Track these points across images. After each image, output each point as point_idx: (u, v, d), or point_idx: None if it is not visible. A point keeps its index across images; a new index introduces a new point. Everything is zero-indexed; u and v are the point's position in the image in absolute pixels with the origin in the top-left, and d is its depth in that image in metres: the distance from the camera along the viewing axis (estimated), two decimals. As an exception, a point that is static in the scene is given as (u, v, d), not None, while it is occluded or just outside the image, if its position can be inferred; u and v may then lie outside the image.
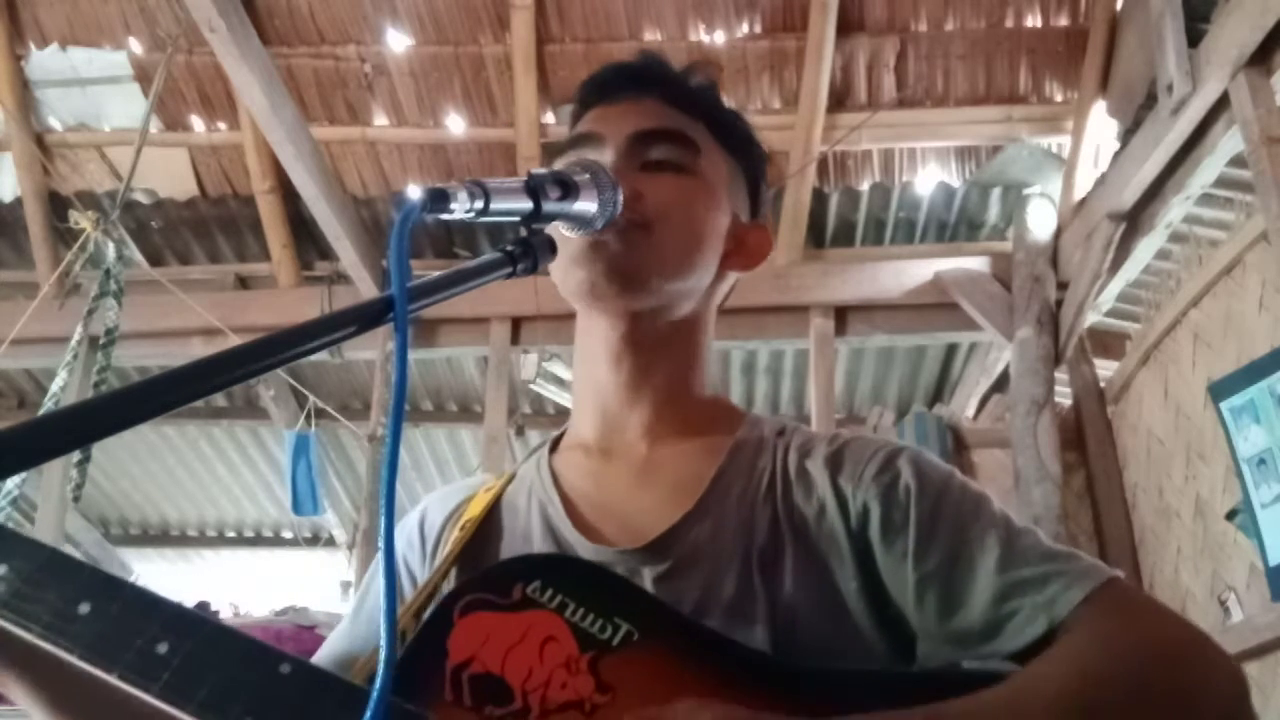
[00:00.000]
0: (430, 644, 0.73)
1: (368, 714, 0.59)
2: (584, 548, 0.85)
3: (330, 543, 6.02)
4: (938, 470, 0.84)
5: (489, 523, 0.91)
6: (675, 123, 0.93)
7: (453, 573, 0.87)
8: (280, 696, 0.68)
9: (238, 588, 6.00)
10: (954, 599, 0.76)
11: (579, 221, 0.82)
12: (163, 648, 0.69)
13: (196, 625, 0.70)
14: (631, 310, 0.90)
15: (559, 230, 0.83)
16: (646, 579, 0.81)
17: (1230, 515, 2.79)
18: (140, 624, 0.70)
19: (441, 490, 1.01)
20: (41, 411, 3.14)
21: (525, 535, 0.89)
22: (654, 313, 0.91)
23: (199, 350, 4.00)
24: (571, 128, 0.99)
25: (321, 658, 0.92)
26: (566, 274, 0.88)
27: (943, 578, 0.77)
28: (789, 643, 0.77)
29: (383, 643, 0.60)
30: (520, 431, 4.83)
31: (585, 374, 0.95)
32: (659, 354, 0.92)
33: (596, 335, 0.93)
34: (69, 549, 4.13)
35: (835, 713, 0.66)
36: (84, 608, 0.70)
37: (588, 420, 0.94)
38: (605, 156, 0.90)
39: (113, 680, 0.68)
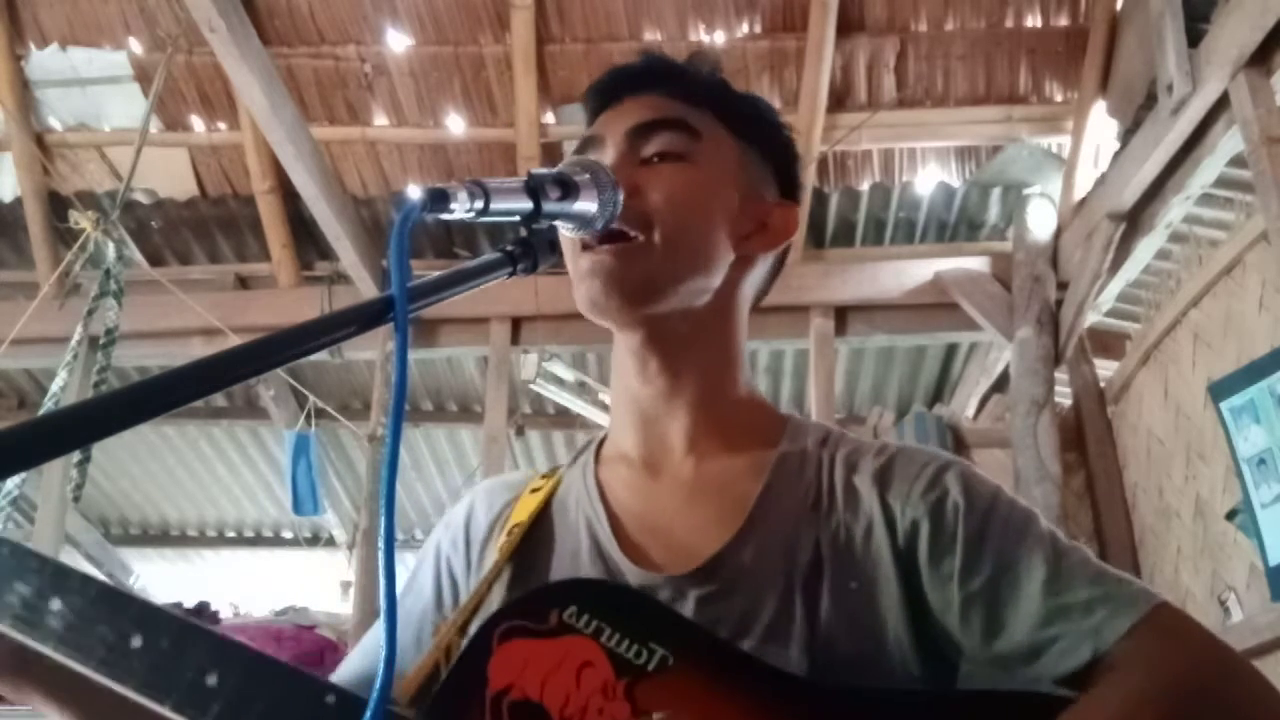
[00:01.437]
0: (471, 671, 0.73)
1: (368, 714, 0.59)
2: (631, 572, 0.84)
3: (330, 543, 6.02)
4: (986, 486, 0.83)
5: (536, 531, 0.90)
6: (672, 112, 0.92)
7: (498, 585, 0.87)
8: None
9: (238, 588, 6.00)
10: (998, 620, 0.76)
11: (579, 221, 0.81)
12: (212, 679, 0.70)
13: (241, 655, 0.71)
14: (643, 317, 0.88)
15: (561, 231, 0.83)
16: (690, 601, 0.80)
17: (1230, 515, 2.79)
18: (189, 655, 0.71)
19: (488, 484, 1.00)
20: (41, 411, 3.14)
21: (574, 553, 0.88)
22: (666, 314, 0.88)
23: (199, 350, 4.00)
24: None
25: (352, 670, 0.91)
26: (574, 290, 0.88)
27: (988, 598, 0.76)
28: (826, 663, 0.76)
29: (383, 640, 0.60)
30: (520, 431, 4.82)
31: (620, 387, 0.94)
32: (686, 355, 0.90)
33: (622, 347, 0.92)
34: (69, 549, 4.13)
35: None
36: (136, 641, 0.71)
37: (628, 433, 0.93)
38: (607, 156, 0.90)
39: (165, 712, 0.69)
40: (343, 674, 0.92)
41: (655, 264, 0.86)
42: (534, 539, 0.90)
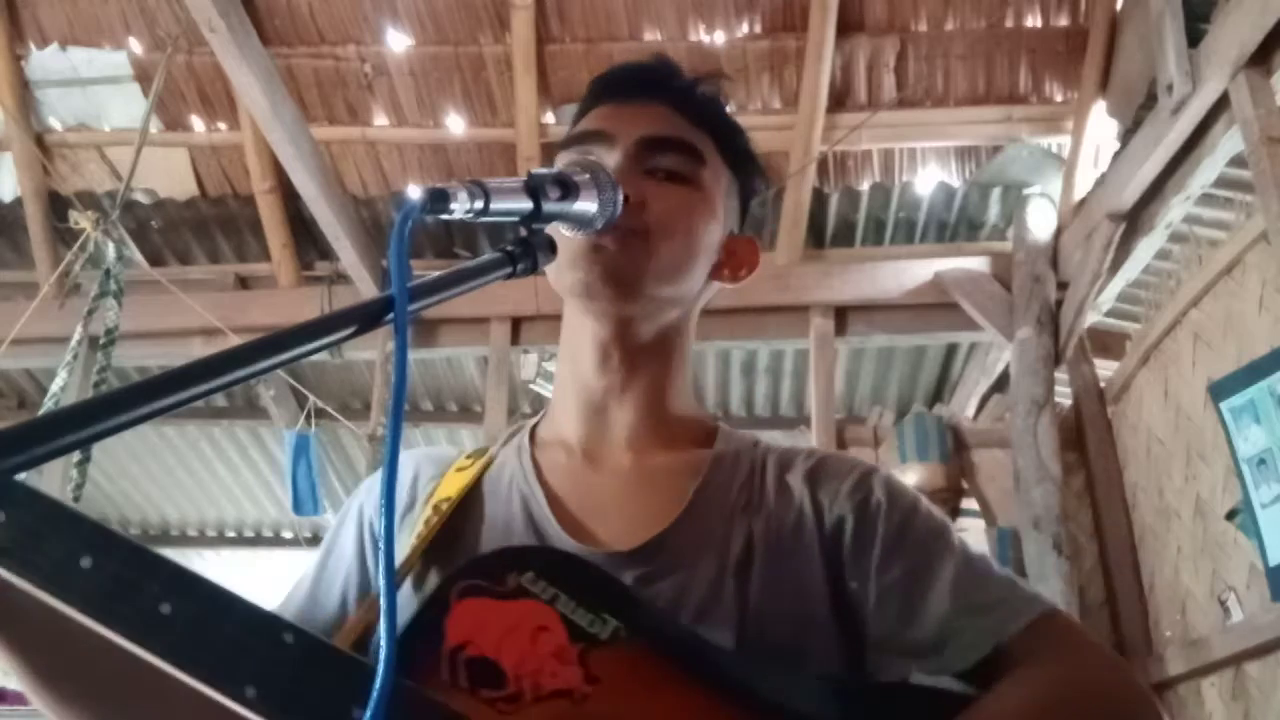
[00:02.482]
0: (428, 624, 0.75)
1: (368, 715, 0.59)
2: (567, 545, 0.86)
3: (330, 543, 6.02)
4: (907, 493, 0.90)
5: (465, 506, 0.92)
6: (684, 133, 0.95)
7: (428, 552, 0.88)
8: (283, 666, 0.67)
9: (238, 588, 6.00)
10: (909, 613, 0.81)
11: (579, 222, 0.82)
12: (166, 608, 0.67)
13: (199, 587, 0.69)
14: (623, 314, 0.92)
15: (559, 230, 0.84)
16: (626, 580, 0.83)
17: (1230, 515, 2.79)
18: (143, 582, 0.67)
19: (415, 454, 1.00)
20: (41, 411, 3.13)
21: (506, 525, 0.90)
22: (643, 318, 0.93)
23: (199, 350, 4.00)
24: (576, 120, 1.00)
25: (283, 612, 0.91)
26: (562, 273, 0.90)
27: (901, 591, 0.82)
28: (755, 645, 0.80)
29: (383, 641, 0.60)
30: (520, 431, 4.82)
31: (570, 373, 0.96)
32: (644, 358, 0.94)
33: (585, 334, 0.94)
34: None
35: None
36: (85, 561, 0.67)
37: (571, 420, 0.96)
38: (612, 157, 0.91)
39: (113, 637, 0.66)
40: (282, 606, 0.92)
41: (649, 267, 0.90)
42: (463, 512, 0.91)
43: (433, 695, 0.71)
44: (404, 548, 0.88)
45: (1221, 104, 2.84)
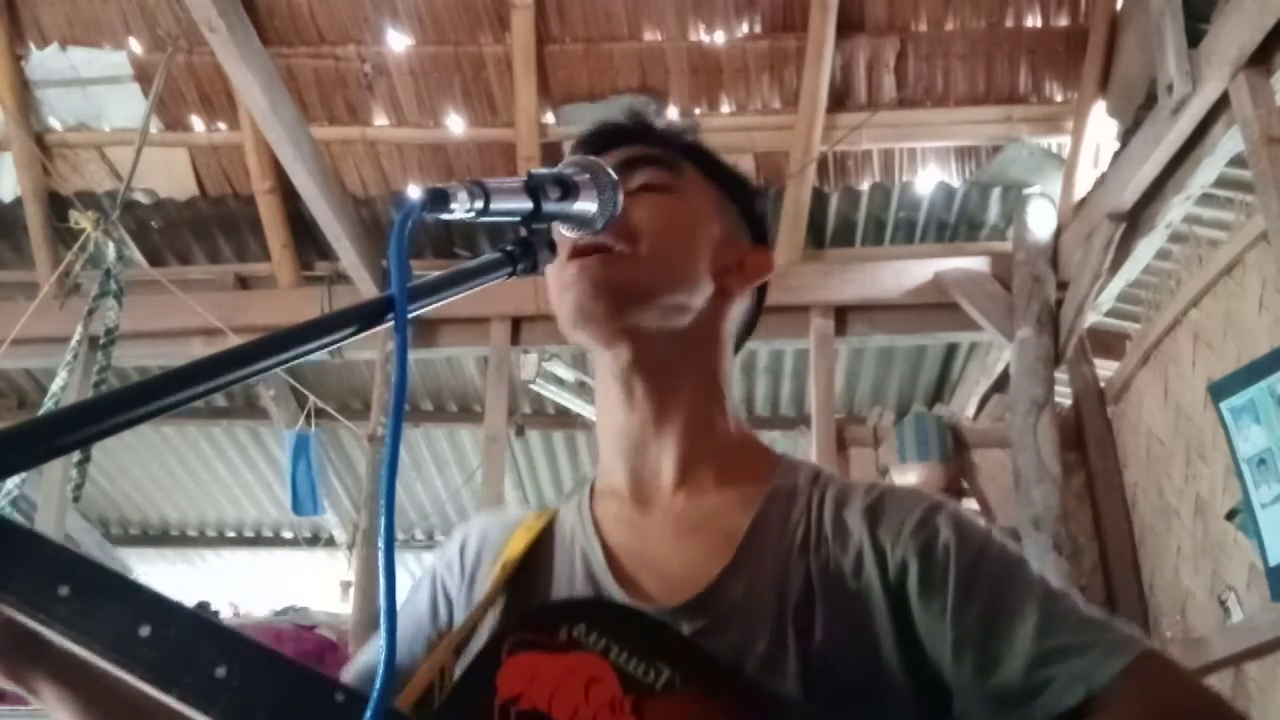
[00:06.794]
0: (480, 680, 0.74)
1: (369, 714, 0.59)
2: (624, 602, 0.85)
3: (330, 543, 6.03)
4: (977, 529, 0.84)
5: (531, 563, 0.92)
6: (656, 153, 0.97)
7: (493, 611, 0.88)
8: None
9: (238, 588, 6.01)
10: (992, 659, 0.77)
11: (579, 222, 0.82)
12: (220, 671, 0.70)
13: (251, 650, 0.71)
14: (627, 329, 0.90)
15: (559, 231, 0.84)
16: (684, 633, 0.81)
17: (1230, 515, 2.79)
18: (198, 647, 0.71)
19: (483, 518, 1.02)
20: (41, 411, 3.14)
21: (568, 580, 0.90)
22: (650, 333, 0.91)
23: (199, 350, 4.00)
24: None
25: (359, 668, 0.93)
26: (558, 304, 0.90)
27: (981, 636, 0.78)
28: (821, 696, 0.77)
29: (382, 640, 0.60)
30: (520, 431, 4.83)
31: (606, 421, 0.95)
32: (672, 381, 0.92)
33: (605, 373, 0.93)
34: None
35: None
36: (144, 629, 0.71)
37: (617, 466, 0.94)
38: None
39: (171, 702, 0.69)
40: (351, 671, 0.93)
41: (640, 271, 0.89)
42: (529, 569, 0.91)
43: None
44: (473, 608, 0.89)
45: (1221, 104, 2.84)
